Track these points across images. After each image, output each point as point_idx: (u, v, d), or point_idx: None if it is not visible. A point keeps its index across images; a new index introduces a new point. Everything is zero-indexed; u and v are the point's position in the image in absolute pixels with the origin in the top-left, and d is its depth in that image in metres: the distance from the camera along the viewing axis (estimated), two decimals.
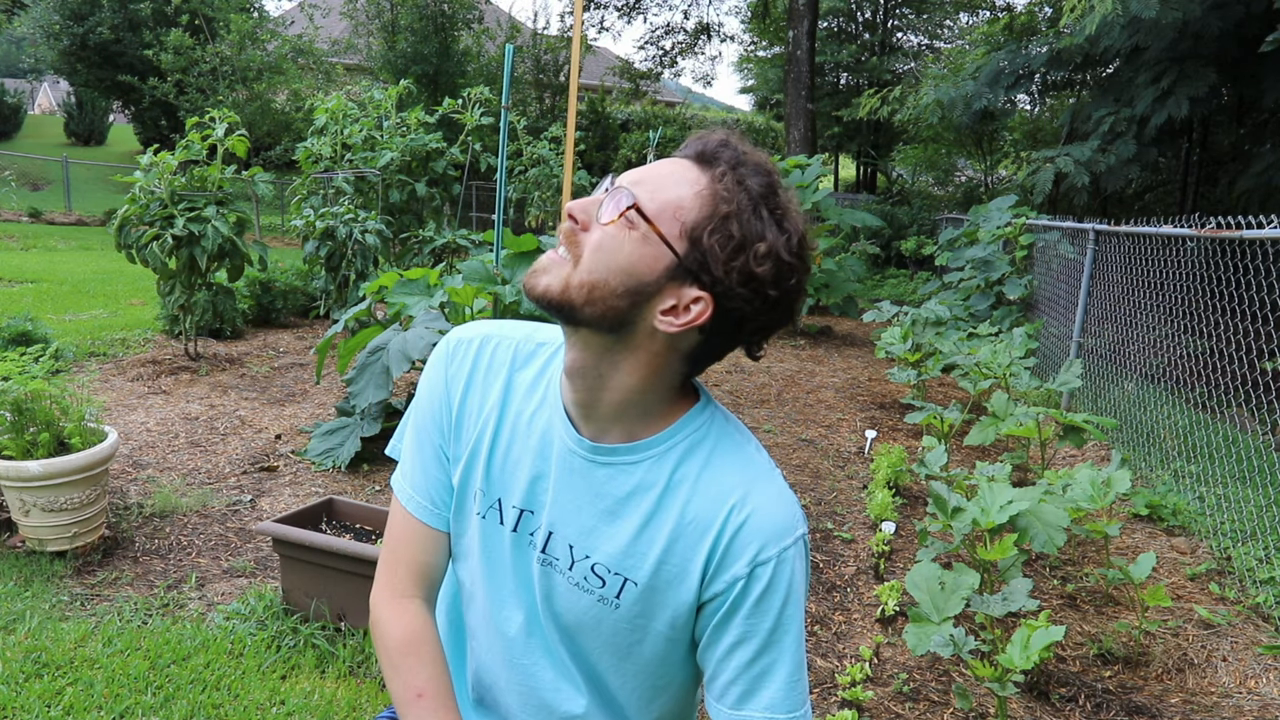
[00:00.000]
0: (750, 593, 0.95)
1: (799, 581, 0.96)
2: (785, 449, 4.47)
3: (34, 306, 6.83)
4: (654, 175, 0.91)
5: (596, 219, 0.89)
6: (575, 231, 0.91)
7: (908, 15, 21.63)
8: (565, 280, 0.90)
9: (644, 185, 0.89)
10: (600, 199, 0.91)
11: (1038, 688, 2.38)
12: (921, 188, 19.42)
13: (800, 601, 0.97)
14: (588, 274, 0.89)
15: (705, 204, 0.88)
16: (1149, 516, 3.69)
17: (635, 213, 0.88)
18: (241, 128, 5.16)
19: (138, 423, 4.17)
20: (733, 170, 0.89)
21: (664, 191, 0.88)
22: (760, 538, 0.95)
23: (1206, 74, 7.92)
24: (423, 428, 1.08)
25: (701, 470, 0.97)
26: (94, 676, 2.10)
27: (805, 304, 8.16)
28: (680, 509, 0.97)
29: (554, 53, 19.82)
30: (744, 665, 0.96)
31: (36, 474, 2.59)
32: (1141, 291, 4.79)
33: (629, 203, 0.88)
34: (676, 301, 0.90)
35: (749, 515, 0.95)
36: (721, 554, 0.96)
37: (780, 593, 0.95)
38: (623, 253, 0.88)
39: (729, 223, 0.88)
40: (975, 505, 2.48)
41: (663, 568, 0.98)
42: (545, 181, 11.01)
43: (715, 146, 0.91)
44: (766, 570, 0.94)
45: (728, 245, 0.87)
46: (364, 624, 2.33)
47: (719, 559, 0.96)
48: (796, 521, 0.97)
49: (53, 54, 20.05)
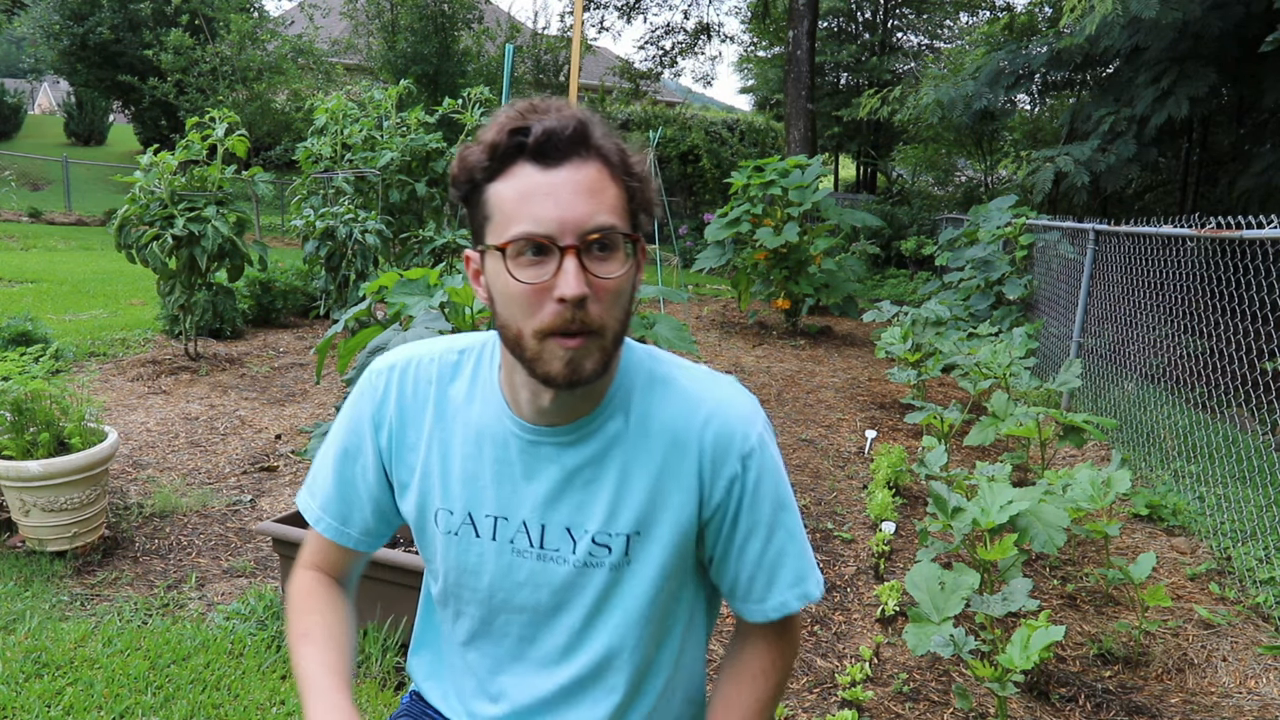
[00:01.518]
0: (747, 485, 1.00)
1: (777, 455, 1.03)
2: (785, 449, 4.47)
3: (34, 306, 6.83)
4: (589, 197, 0.85)
5: (605, 287, 0.86)
6: (584, 310, 0.86)
7: (908, 15, 21.62)
8: (604, 352, 0.89)
9: (601, 211, 0.85)
10: (575, 271, 0.84)
11: (1038, 688, 2.37)
12: (921, 188, 19.41)
13: (783, 474, 1.04)
14: (615, 329, 0.89)
15: (616, 183, 0.88)
16: (1149, 516, 3.69)
17: (628, 243, 0.88)
18: (241, 128, 5.16)
19: (138, 423, 4.17)
20: (596, 141, 0.87)
21: (609, 201, 0.87)
22: (738, 432, 0.99)
23: (1206, 74, 7.91)
24: (343, 463, 1.08)
25: (652, 401, 1.00)
26: (94, 676, 2.10)
27: (806, 304, 8.16)
28: (650, 443, 0.99)
29: (554, 53, 19.82)
30: (758, 556, 1.02)
31: (36, 474, 2.59)
32: (1141, 291, 4.79)
33: (626, 232, 0.87)
34: (639, 256, 0.92)
35: (717, 417, 0.99)
36: (711, 463, 0.99)
37: (770, 473, 1.01)
38: (626, 282, 0.89)
39: (636, 174, 0.89)
40: (975, 505, 2.48)
41: (656, 504, 1.00)
42: None
43: (568, 137, 0.86)
44: (755, 459, 1.00)
45: (640, 188, 0.90)
46: (364, 624, 2.33)
47: (710, 468, 0.99)
48: (753, 403, 1.03)
49: (53, 54, 20.04)
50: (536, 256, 0.85)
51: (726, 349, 7.25)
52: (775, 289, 8.15)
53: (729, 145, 18.74)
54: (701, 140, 18.38)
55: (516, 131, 0.85)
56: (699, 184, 18.50)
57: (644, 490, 0.99)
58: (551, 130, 0.84)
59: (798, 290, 7.89)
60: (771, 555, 1.02)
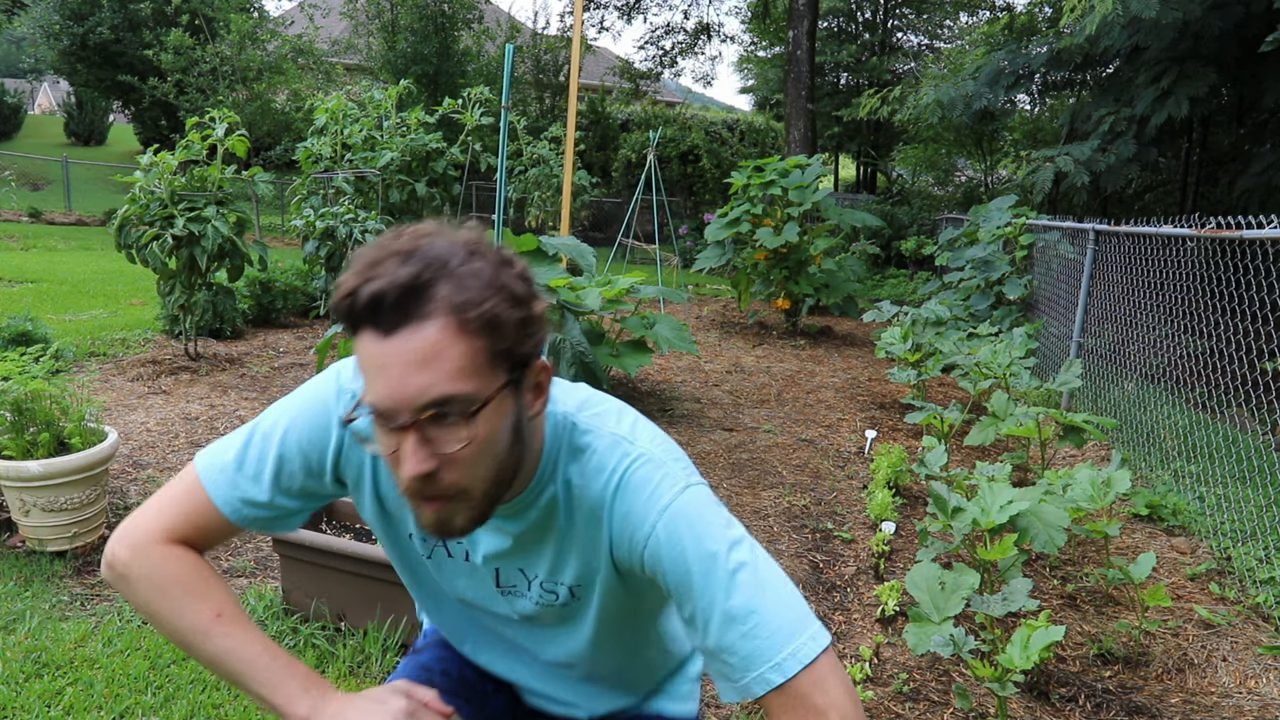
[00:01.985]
0: (663, 570, 0.92)
1: (703, 514, 0.92)
2: (785, 449, 4.47)
3: (34, 306, 6.83)
4: (420, 369, 0.79)
5: (455, 457, 0.83)
6: (436, 480, 0.84)
7: (908, 15, 21.62)
8: (474, 508, 0.87)
9: (439, 381, 0.79)
10: (412, 451, 0.81)
11: (1038, 688, 2.37)
12: (921, 188, 19.40)
13: (718, 530, 0.91)
14: (482, 487, 0.86)
15: (462, 339, 0.79)
16: (1149, 516, 3.69)
17: (463, 421, 0.81)
18: (241, 128, 5.16)
19: (138, 423, 4.17)
20: (445, 299, 0.79)
21: (450, 366, 0.80)
22: (636, 516, 0.92)
23: (1206, 74, 7.91)
24: (291, 452, 1.01)
25: (572, 472, 0.97)
26: (94, 676, 2.10)
27: (806, 304, 8.16)
28: (576, 515, 0.98)
29: (554, 53, 19.82)
30: (716, 634, 0.90)
31: (36, 474, 2.59)
32: (1141, 291, 4.79)
33: (470, 398, 0.81)
34: (532, 386, 0.88)
35: (621, 499, 0.93)
36: (624, 546, 0.95)
37: (685, 549, 0.90)
38: (487, 441, 0.84)
39: (492, 318, 0.80)
40: (975, 505, 2.48)
41: (590, 567, 1.00)
42: (545, 181, 11.01)
43: (393, 303, 0.78)
44: (655, 544, 0.91)
45: (504, 327, 0.81)
46: (364, 624, 2.33)
47: (626, 551, 0.95)
48: (661, 471, 0.93)
49: (53, 54, 20.04)
50: (385, 426, 0.82)
51: (726, 349, 7.25)
52: (775, 289, 8.15)
53: (729, 145, 18.74)
54: (701, 140, 18.38)
55: (348, 295, 0.79)
56: (699, 184, 18.50)
57: (577, 556, 1.00)
58: (377, 296, 0.78)
59: (798, 290, 7.89)
60: (733, 637, 0.89)
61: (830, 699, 0.88)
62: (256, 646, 0.98)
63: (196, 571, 1.01)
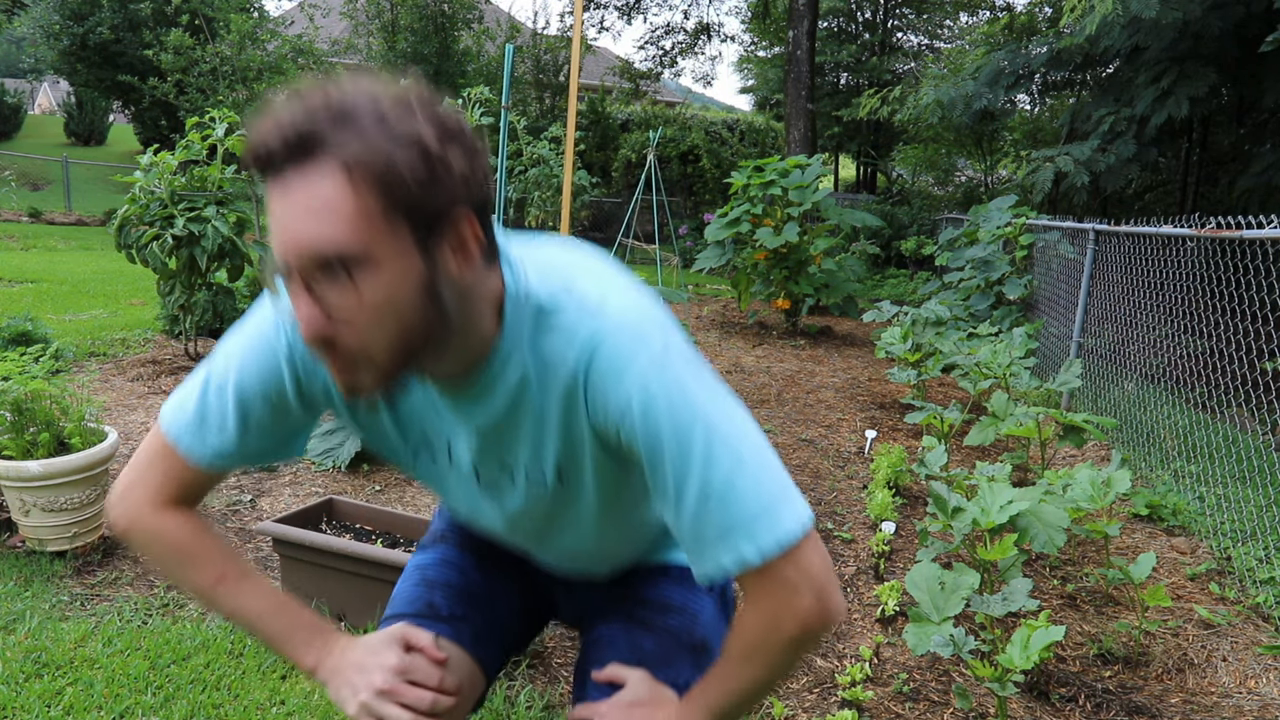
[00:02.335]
0: (637, 435, 0.86)
1: (681, 378, 0.85)
2: (785, 449, 4.47)
3: (34, 306, 6.83)
4: (310, 219, 0.74)
5: (350, 316, 0.78)
6: (332, 340, 0.79)
7: (908, 15, 21.63)
8: (380, 371, 0.82)
9: (326, 231, 0.74)
10: (302, 307, 0.78)
11: (1038, 688, 2.38)
12: (921, 188, 19.40)
13: (700, 393, 0.86)
14: (384, 350, 0.80)
15: (354, 192, 0.74)
16: (1149, 516, 3.69)
17: (352, 280, 0.76)
18: (242, 128, 5.16)
19: (138, 423, 4.17)
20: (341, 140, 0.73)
21: (343, 216, 0.74)
22: (612, 377, 0.85)
23: (1206, 74, 7.91)
24: (249, 395, 0.97)
25: (541, 340, 0.89)
26: (94, 676, 2.10)
27: (806, 304, 8.16)
28: (549, 390, 0.90)
29: (554, 53, 19.81)
30: (692, 508, 0.85)
31: (36, 474, 2.59)
32: (1141, 291, 4.79)
33: (359, 254, 0.75)
34: (456, 245, 0.80)
35: (596, 362, 0.86)
36: (601, 414, 0.88)
37: (670, 409, 0.84)
38: (385, 302, 0.77)
39: (389, 169, 0.74)
40: (975, 505, 2.48)
41: (575, 447, 0.94)
42: (545, 181, 11.00)
43: (282, 152, 0.74)
44: (637, 405, 0.84)
45: (405, 179, 0.75)
46: (364, 624, 2.33)
47: (602, 419, 0.89)
48: (639, 352, 0.85)
49: (52, 54, 20.04)
50: (284, 282, 0.79)
51: (726, 349, 7.25)
52: (775, 289, 8.15)
53: (729, 145, 18.73)
54: (701, 140, 18.37)
55: (251, 145, 0.76)
56: (699, 184, 18.50)
57: (559, 435, 0.93)
58: (265, 145, 0.74)
59: (798, 290, 7.89)
60: (711, 504, 0.84)
61: (809, 579, 0.87)
62: (260, 603, 1.01)
63: (191, 537, 1.01)
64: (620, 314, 0.86)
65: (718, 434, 0.85)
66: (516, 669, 2.26)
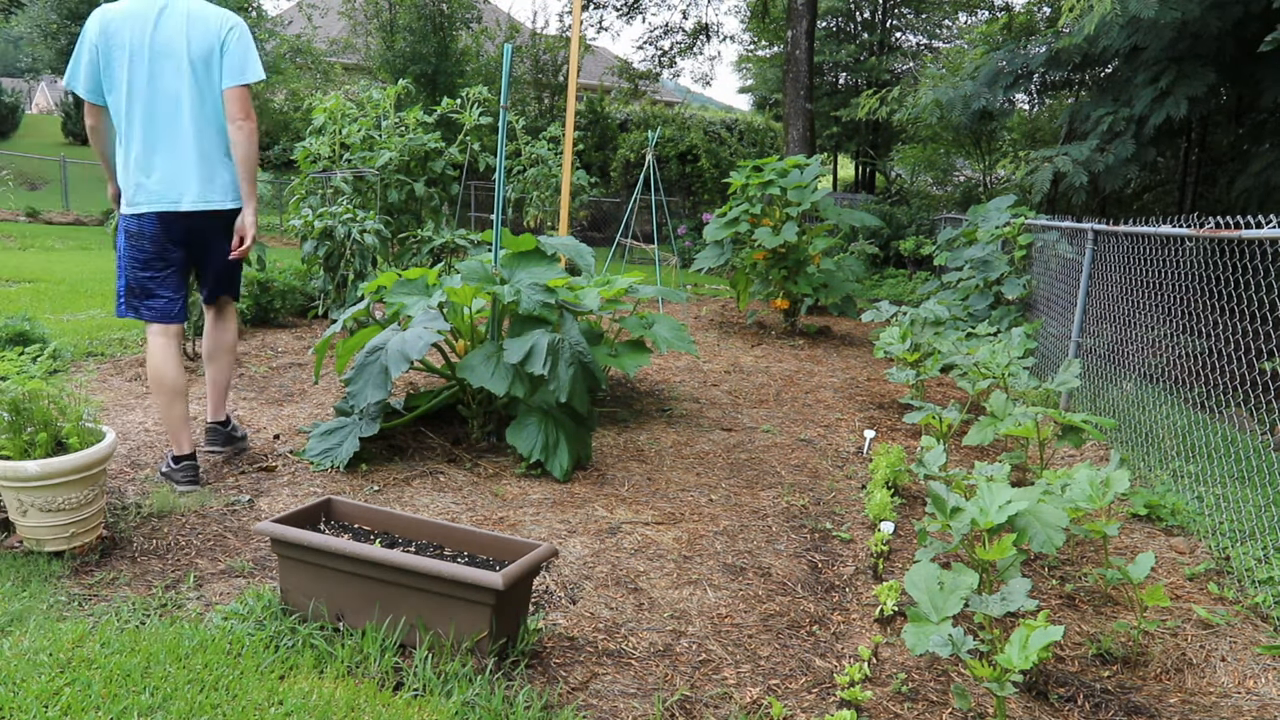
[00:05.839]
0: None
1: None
2: (784, 449, 4.47)
3: (31, 306, 6.82)
4: None
5: None
6: None
7: (906, 15, 21.66)
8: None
9: None
10: None
11: (1036, 688, 2.37)
12: (920, 187, 19.42)
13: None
14: None
15: None
16: (1148, 516, 3.69)
17: None
18: None
19: (135, 423, 4.16)
20: None
21: None
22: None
23: (1205, 74, 7.92)
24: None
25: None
26: (92, 677, 2.09)
27: (805, 304, 8.16)
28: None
29: (553, 52, 19.82)
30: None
31: (34, 474, 2.59)
32: (1140, 291, 4.80)
33: None
34: None
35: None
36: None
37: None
38: None
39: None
40: (974, 505, 2.48)
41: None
42: (544, 181, 11.01)
43: None
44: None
45: None
46: (362, 624, 2.33)
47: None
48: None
49: (50, 53, 20.03)
50: None
51: (725, 349, 7.25)
52: (774, 289, 8.16)
53: (728, 145, 18.75)
54: (700, 140, 18.39)
55: None
56: (698, 184, 18.51)
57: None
58: None
59: (796, 290, 7.89)
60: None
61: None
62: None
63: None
64: None
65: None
66: (516, 669, 2.26)
